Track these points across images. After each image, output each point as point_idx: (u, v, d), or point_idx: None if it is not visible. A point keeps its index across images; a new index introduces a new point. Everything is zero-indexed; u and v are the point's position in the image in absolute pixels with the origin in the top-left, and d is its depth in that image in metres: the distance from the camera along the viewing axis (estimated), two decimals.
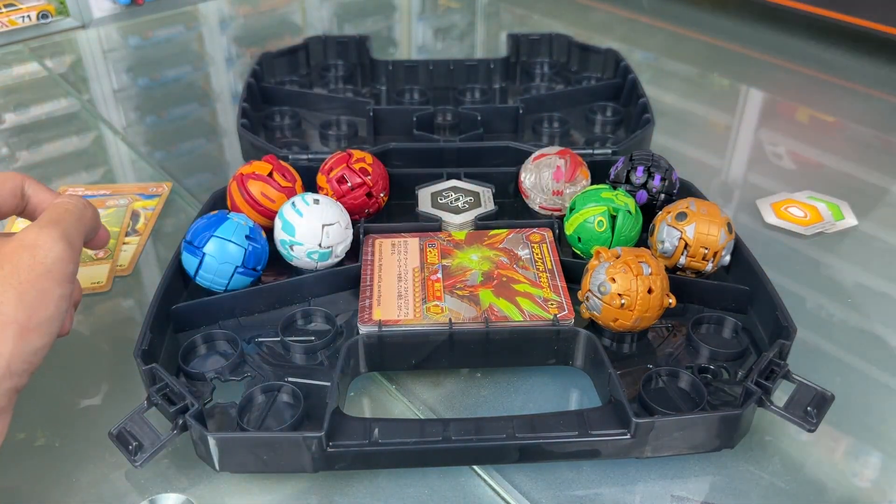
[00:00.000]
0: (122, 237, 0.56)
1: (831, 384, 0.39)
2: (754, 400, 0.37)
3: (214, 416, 0.39)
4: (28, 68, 0.87)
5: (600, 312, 0.42)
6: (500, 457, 0.38)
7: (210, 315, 0.45)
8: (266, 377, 0.42)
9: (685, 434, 0.37)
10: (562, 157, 0.52)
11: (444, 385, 0.44)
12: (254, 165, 0.51)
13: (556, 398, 0.43)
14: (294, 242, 0.46)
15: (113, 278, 0.52)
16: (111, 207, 0.60)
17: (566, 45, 0.77)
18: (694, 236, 0.45)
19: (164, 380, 0.38)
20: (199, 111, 0.78)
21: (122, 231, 0.57)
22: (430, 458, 0.38)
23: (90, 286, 0.52)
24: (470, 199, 0.54)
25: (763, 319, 0.44)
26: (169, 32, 0.98)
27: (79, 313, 0.50)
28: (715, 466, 0.39)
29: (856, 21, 0.87)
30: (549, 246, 0.49)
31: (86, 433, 0.41)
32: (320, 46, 0.77)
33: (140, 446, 0.36)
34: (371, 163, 0.52)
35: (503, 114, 0.65)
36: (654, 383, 0.41)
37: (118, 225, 0.58)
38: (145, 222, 0.58)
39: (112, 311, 0.50)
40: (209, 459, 0.37)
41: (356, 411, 0.42)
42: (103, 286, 0.52)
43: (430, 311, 0.43)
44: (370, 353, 0.42)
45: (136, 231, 0.57)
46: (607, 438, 0.37)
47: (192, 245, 0.45)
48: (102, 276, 0.52)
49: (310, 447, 0.36)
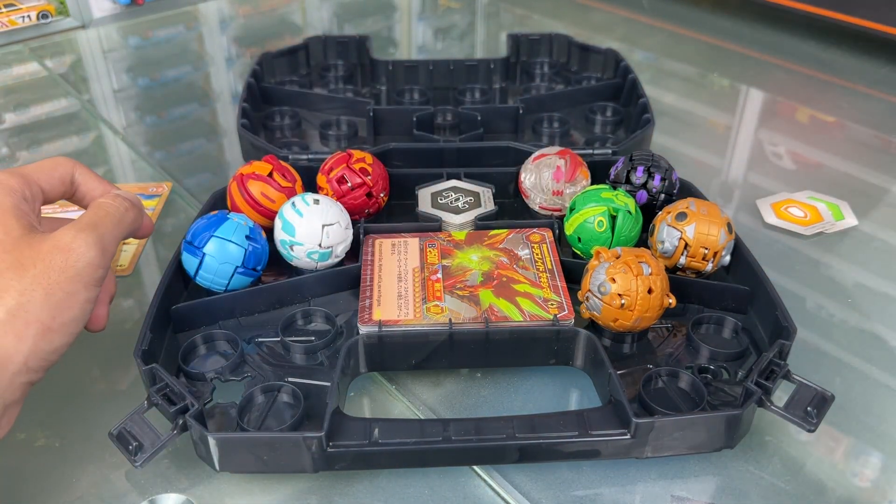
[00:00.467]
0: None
1: (831, 384, 0.39)
2: (754, 400, 0.37)
3: (214, 417, 0.39)
4: (28, 68, 0.87)
5: (600, 312, 0.42)
6: (500, 457, 0.38)
7: (210, 315, 0.45)
8: (266, 377, 0.42)
9: (685, 434, 0.37)
10: (562, 158, 0.52)
11: (444, 385, 0.44)
12: (254, 165, 0.51)
13: (556, 398, 0.43)
14: (294, 242, 0.46)
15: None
16: None
17: (566, 45, 0.77)
18: (694, 236, 0.45)
19: (164, 380, 0.38)
20: (199, 111, 0.78)
21: None
22: (430, 458, 0.38)
23: None
24: (470, 199, 0.54)
25: (763, 319, 0.44)
26: (169, 32, 0.98)
27: None
28: (715, 466, 0.39)
29: (856, 21, 0.87)
30: (549, 246, 0.49)
31: (86, 433, 0.41)
32: (320, 46, 0.77)
33: (140, 446, 0.36)
34: (371, 163, 0.52)
35: (503, 114, 0.65)
36: (654, 383, 0.41)
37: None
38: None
39: (112, 311, 0.50)
40: (209, 459, 0.37)
41: (356, 411, 0.42)
42: None
43: (430, 311, 0.43)
44: (370, 353, 0.42)
45: None
46: (607, 438, 0.37)
47: (192, 245, 0.45)
48: None
49: (310, 447, 0.36)
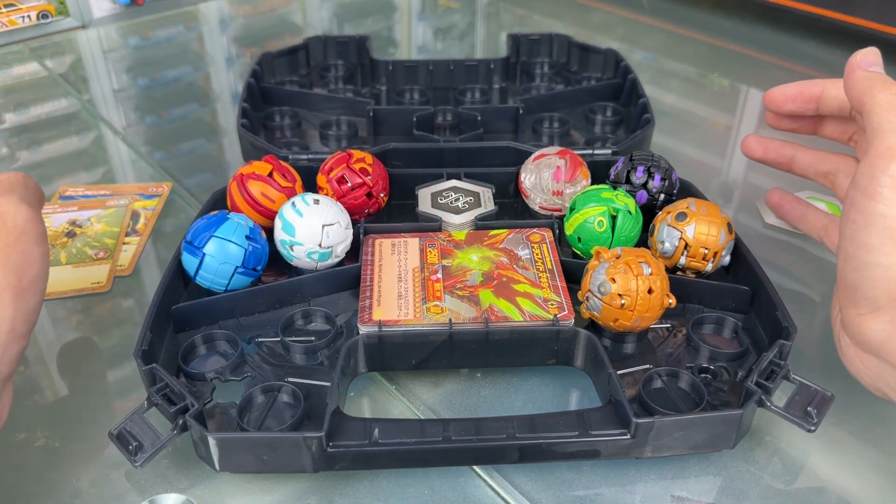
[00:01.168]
0: (123, 237, 0.56)
1: (831, 384, 0.39)
2: (754, 400, 0.37)
3: (214, 417, 0.39)
4: (28, 68, 0.87)
5: (600, 313, 0.42)
6: (500, 457, 0.38)
7: (210, 315, 0.45)
8: (266, 377, 0.42)
9: (685, 434, 0.37)
10: (562, 158, 0.52)
11: (444, 385, 0.44)
12: (254, 165, 0.51)
13: (556, 398, 0.43)
14: (294, 243, 0.46)
15: (113, 278, 0.52)
16: (111, 207, 0.60)
17: (566, 45, 0.77)
18: (694, 236, 0.45)
19: (164, 380, 0.38)
20: (199, 111, 0.78)
21: (123, 231, 0.57)
22: (431, 458, 0.38)
23: (90, 286, 0.52)
24: (470, 199, 0.54)
25: (763, 319, 0.44)
26: (169, 32, 0.98)
27: (79, 313, 0.50)
28: (715, 466, 0.39)
29: (856, 21, 0.87)
30: (549, 246, 0.49)
31: (86, 433, 0.41)
32: (320, 46, 0.77)
33: (140, 446, 0.36)
34: (371, 163, 0.52)
35: (503, 114, 0.65)
36: (653, 383, 0.41)
37: (118, 225, 0.58)
38: (145, 222, 0.58)
39: (112, 311, 0.50)
40: (209, 460, 0.37)
41: (356, 411, 0.42)
42: (103, 286, 0.52)
43: (431, 311, 0.43)
44: (370, 354, 0.42)
45: (136, 231, 0.57)
46: (607, 438, 0.37)
47: (192, 245, 0.45)
48: (102, 276, 0.52)
49: (310, 447, 0.36)
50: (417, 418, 0.42)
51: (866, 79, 0.39)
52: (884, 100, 0.37)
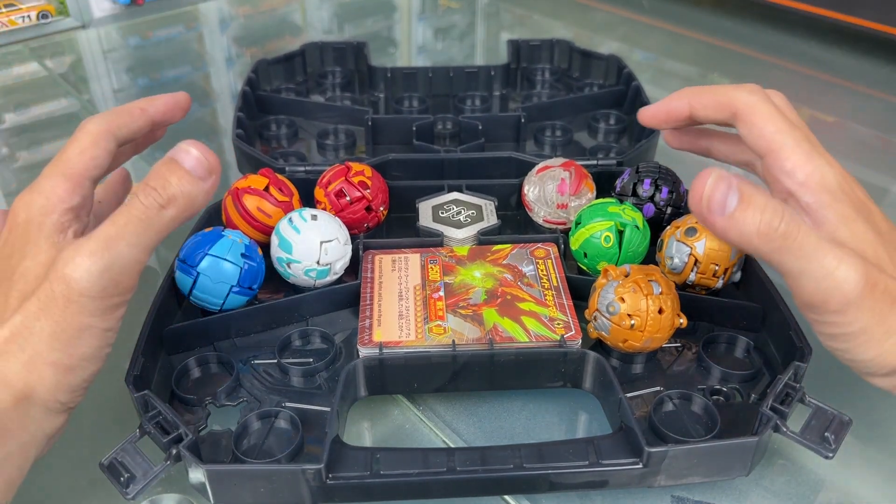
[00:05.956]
0: None
1: (849, 407, 0.37)
2: (770, 426, 0.36)
3: (209, 444, 0.38)
4: (28, 68, 0.86)
5: (609, 333, 0.41)
6: (507, 488, 0.36)
7: (205, 336, 0.44)
8: (262, 402, 0.40)
9: (700, 462, 0.36)
10: (566, 170, 0.51)
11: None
12: (249, 179, 0.49)
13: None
14: (291, 260, 0.45)
15: None
16: None
17: (567, 51, 0.75)
18: (704, 252, 0.44)
19: (156, 407, 0.37)
20: (198, 112, 0.77)
21: None
22: (435, 489, 0.36)
23: None
24: (472, 212, 0.52)
25: (776, 338, 0.43)
26: (169, 32, 0.97)
27: None
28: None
29: (856, 21, 0.86)
30: (555, 262, 0.47)
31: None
32: (317, 53, 0.75)
33: (132, 477, 0.35)
34: (370, 176, 0.50)
35: (505, 122, 0.64)
36: (665, 407, 0.40)
37: None
38: None
39: None
40: (204, 492, 0.35)
41: (356, 432, 0.41)
42: None
43: (433, 331, 0.42)
44: (370, 377, 0.41)
45: None
46: (618, 469, 0.35)
47: (186, 264, 0.43)
48: None
49: (308, 479, 0.34)
50: (421, 448, 0.40)
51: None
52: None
